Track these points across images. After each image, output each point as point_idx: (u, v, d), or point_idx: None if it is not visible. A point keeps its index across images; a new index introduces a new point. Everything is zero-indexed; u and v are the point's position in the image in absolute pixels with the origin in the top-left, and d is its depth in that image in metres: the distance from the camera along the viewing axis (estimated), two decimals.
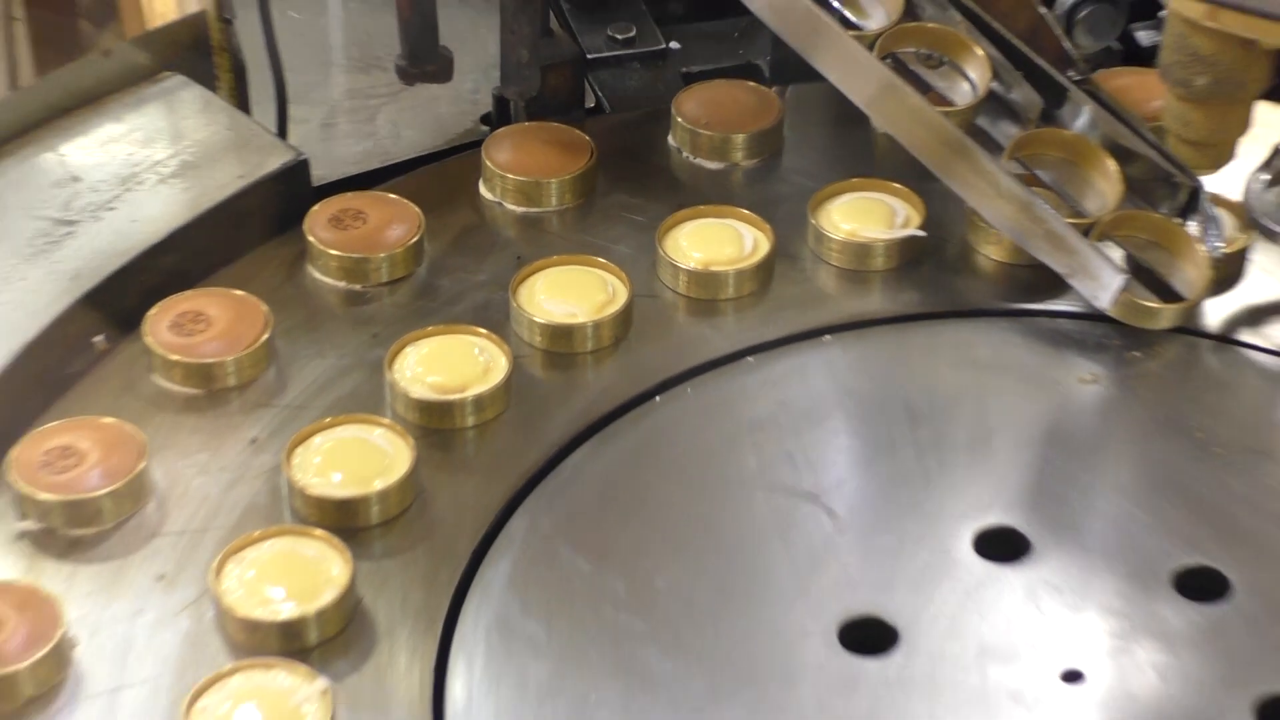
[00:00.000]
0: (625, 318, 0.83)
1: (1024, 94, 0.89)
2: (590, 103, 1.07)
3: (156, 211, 0.91)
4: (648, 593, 0.70)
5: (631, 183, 0.97)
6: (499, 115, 1.04)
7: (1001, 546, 0.71)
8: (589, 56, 1.06)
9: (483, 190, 0.95)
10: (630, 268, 0.86)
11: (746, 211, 0.89)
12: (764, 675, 0.66)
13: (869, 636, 0.66)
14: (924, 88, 0.88)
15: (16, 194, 0.90)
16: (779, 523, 0.74)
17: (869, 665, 0.64)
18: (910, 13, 0.89)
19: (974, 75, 0.89)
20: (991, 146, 0.86)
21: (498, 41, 0.97)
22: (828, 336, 0.85)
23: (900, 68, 0.87)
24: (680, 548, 0.73)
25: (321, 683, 0.60)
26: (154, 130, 0.97)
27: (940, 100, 0.88)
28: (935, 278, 0.89)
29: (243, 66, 1.03)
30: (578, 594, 0.69)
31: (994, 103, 0.90)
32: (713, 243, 0.87)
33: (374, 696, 0.63)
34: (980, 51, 0.88)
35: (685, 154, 0.98)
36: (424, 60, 0.97)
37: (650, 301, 0.86)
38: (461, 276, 0.90)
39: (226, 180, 0.92)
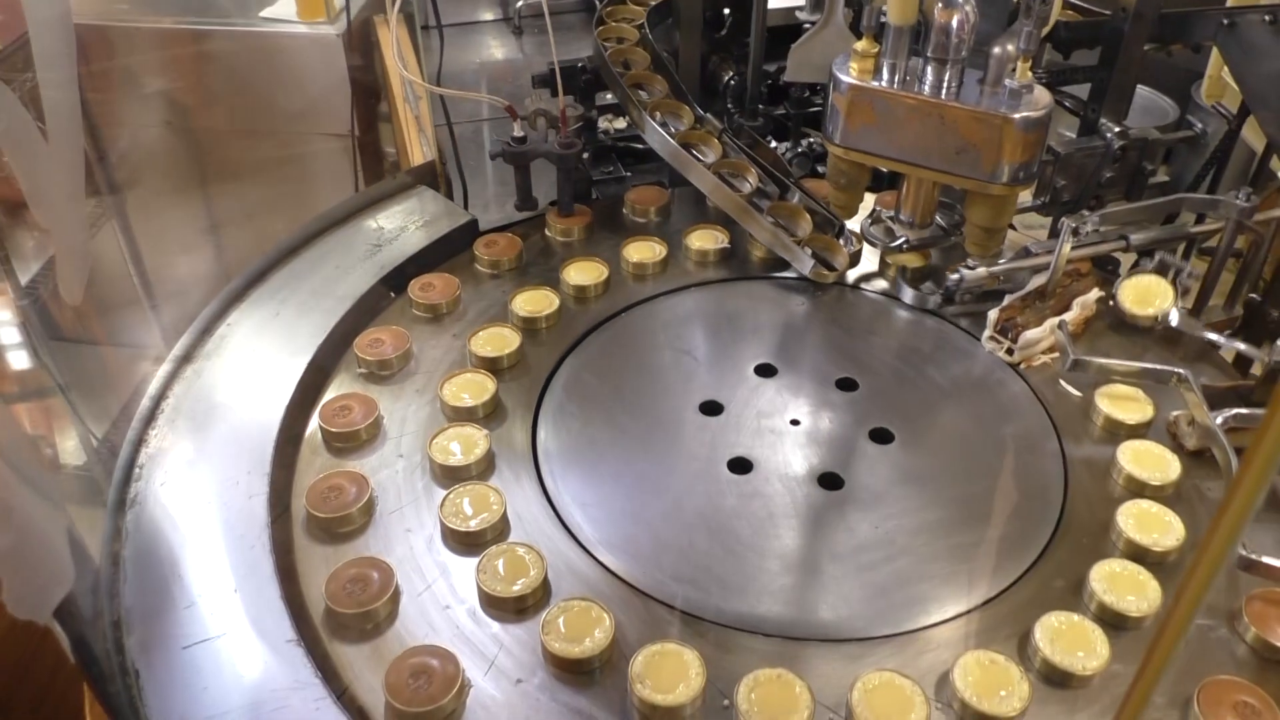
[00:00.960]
0: (607, 284, 1.69)
1: (771, 188, 1.80)
2: None
3: (415, 241, 1.74)
4: (619, 394, 1.48)
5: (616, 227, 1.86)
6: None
7: (766, 371, 1.53)
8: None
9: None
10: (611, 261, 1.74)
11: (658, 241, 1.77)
12: (667, 425, 1.44)
13: (714, 408, 1.47)
14: (730, 186, 1.78)
15: (357, 235, 1.73)
16: (674, 361, 1.55)
17: (712, 420, 1.45)
18: (724, 153, 1.77)
19: (750, 180, 1.77)
20: (758, 209, 1.72)
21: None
22: (693, 288, 1.73)
23: (720, 177, 1.77)
24: (633, 373, 1.52)
25: (486, 432, 1.39)
26: (413, 208, 1.81)
27: (735, 189, 1.77)
28: (739, 262, 1.77)
29: (450, 181, 1.88)
30: (590, 394, 1.49)
31: (759, 192, 1.78)
32: (645, 252, 1.74)
33: (509, 439, 1.42)
34: (754, 170, 1.76)
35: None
36: (526, 204, 1.83)
37: (617, 275, 1.73)
38: (539, 266, 1.76)
39: (442, 228, 1.77)
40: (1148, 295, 1.57)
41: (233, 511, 1.29)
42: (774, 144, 1.99)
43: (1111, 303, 1.59)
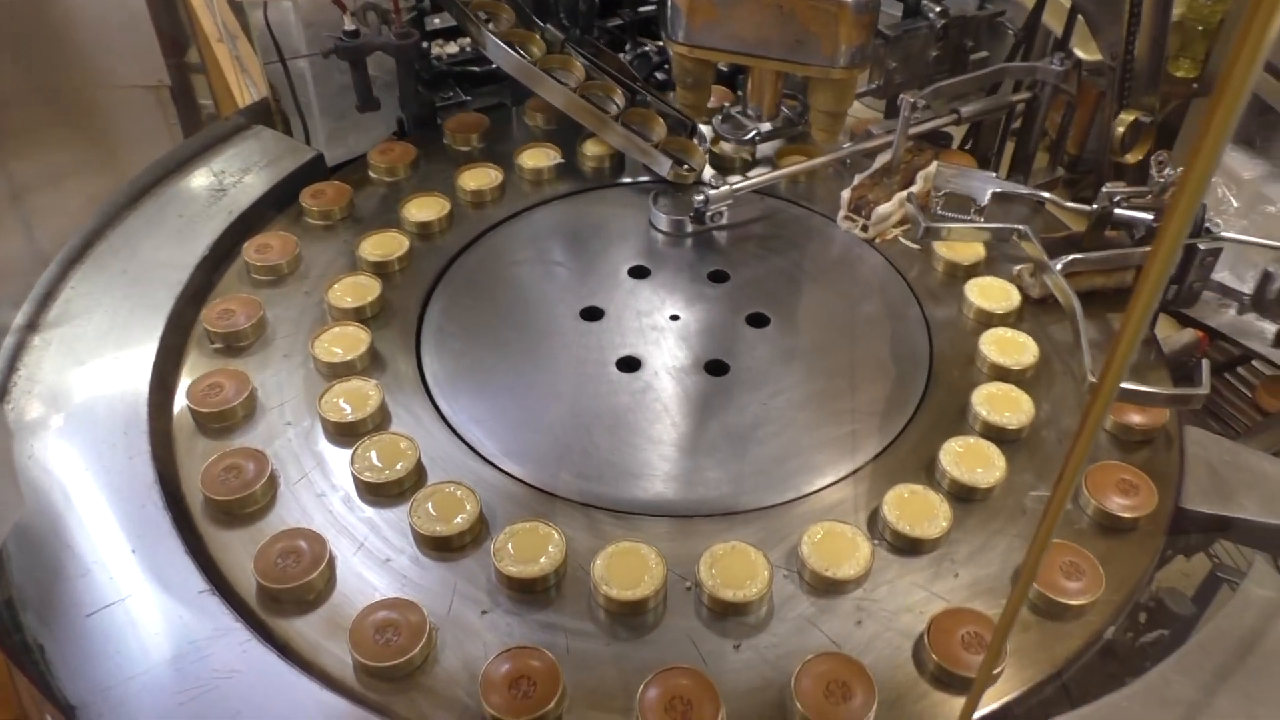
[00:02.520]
0: (451, 217, 1.65)
1: (620, 99, 1.82)
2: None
3: (261, 182, 1.66)
4: (498, 313, 1.48)
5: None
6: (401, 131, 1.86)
7: (639, 273, 1.56)
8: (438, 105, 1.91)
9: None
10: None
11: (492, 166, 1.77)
12: (551, 335, 1.45)
13: (594, 313, 1.49)
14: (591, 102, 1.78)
15: (201, 180, 1.63)
16: (547, 274, 1.56)
17: (595, 325, 1.47)
18: (588, 75, 1.77)
19: (616, 99, 1.80)
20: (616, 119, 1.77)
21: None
22: (552, 202, 1.73)
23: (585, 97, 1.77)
24: (507, 292, 1.52)
25: (375, 382, 1.36)
26: (252, 149, 1.72)
27: (598, 106, 1.79)
28: (577, 175, 1.77)
29: (287, 117, 1.78)
30: (468, 319, 1.48)
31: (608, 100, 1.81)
32: (481, 179, 1.73)
33: (396, 384, 1.39)
34: (604, 78, 1.79)
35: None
36: (367, 103, 1.76)
37: (458, 206, 1.70)
38: (384, 201, 1.72)
39: (287, 166, 1.69)
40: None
41: (116, 474, 1.24)
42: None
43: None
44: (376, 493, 1.22)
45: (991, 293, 1.50)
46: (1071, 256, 1.45)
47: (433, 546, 1.17)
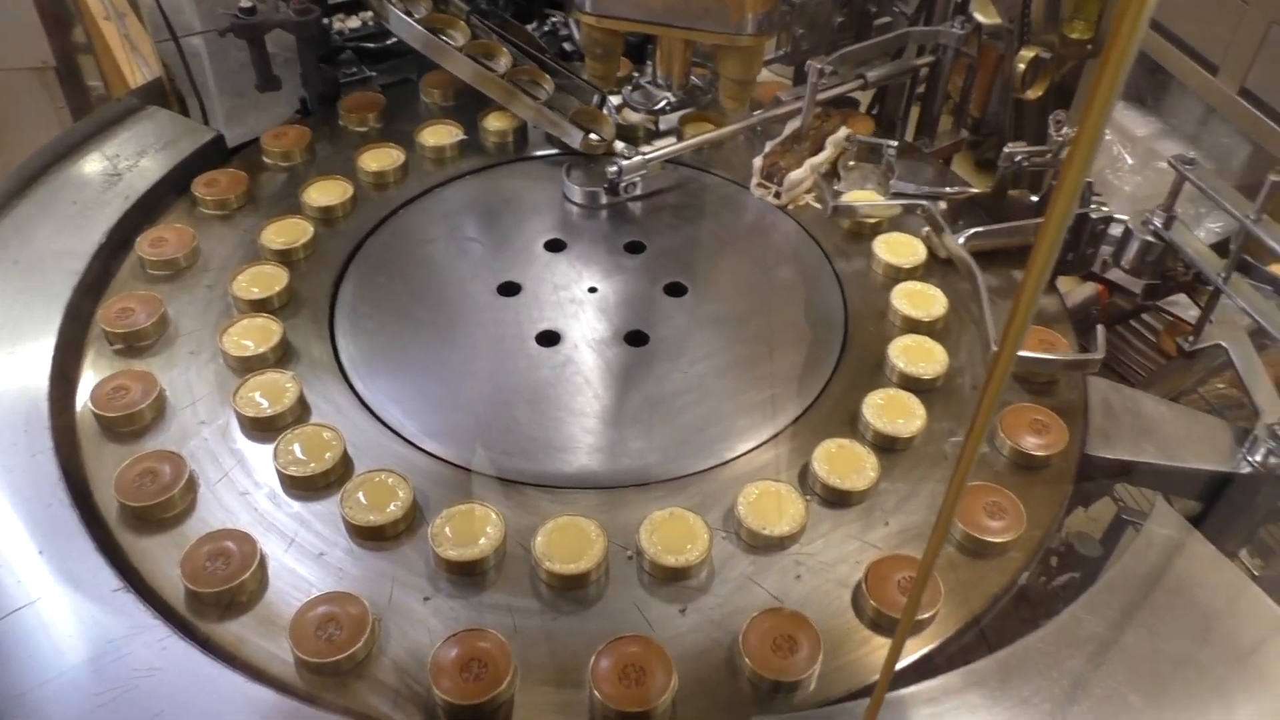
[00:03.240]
0: (355, 200, 1.62)
1: (508, 63, 1.80)
2: None
3: (158, 165, 1.59)
4: (412, 293, 1.46)
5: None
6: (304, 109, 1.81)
7: (555, 246, 1.55)
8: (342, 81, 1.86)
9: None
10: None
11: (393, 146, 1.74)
12: (468, 312, 1.43)
13: (511, 288, 1.48)
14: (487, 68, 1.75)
15: (94, 165, 1.55)
16: (460, 250, 1.54)
17: (512, 300, 1.46)
18: (474, 36, 1.73)
19: (505, 60, 1.76)
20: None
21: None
22: (465, 178, 1.70)
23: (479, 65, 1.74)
24: (421, 271, 1.50)
25: (293, 374, 1.34)
26: (147, 131, 1.65)
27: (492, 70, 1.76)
28: (511, 146, 1.75)
29: (183, 97, 1.71)
30: (382, 299, 1.45)
31: (516, 73, 1.78)
32: (383, 159, 1.70)
33: (312, 373, 1.35)
34: (508, 51, 1.74)
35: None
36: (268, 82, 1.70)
37: (359, 187, 1.67)
38: (284, 186, 1.67)
39: (185, 148, 1.62)
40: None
41: (18, 473, 1.19)
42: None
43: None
44: (304, 486, 1.20)
45: (899, 248, 1.53)
46: (972, 230, 1.48)
47: (367, 537, 1.15)
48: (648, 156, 1.62)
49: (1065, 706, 1.00)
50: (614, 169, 1.59)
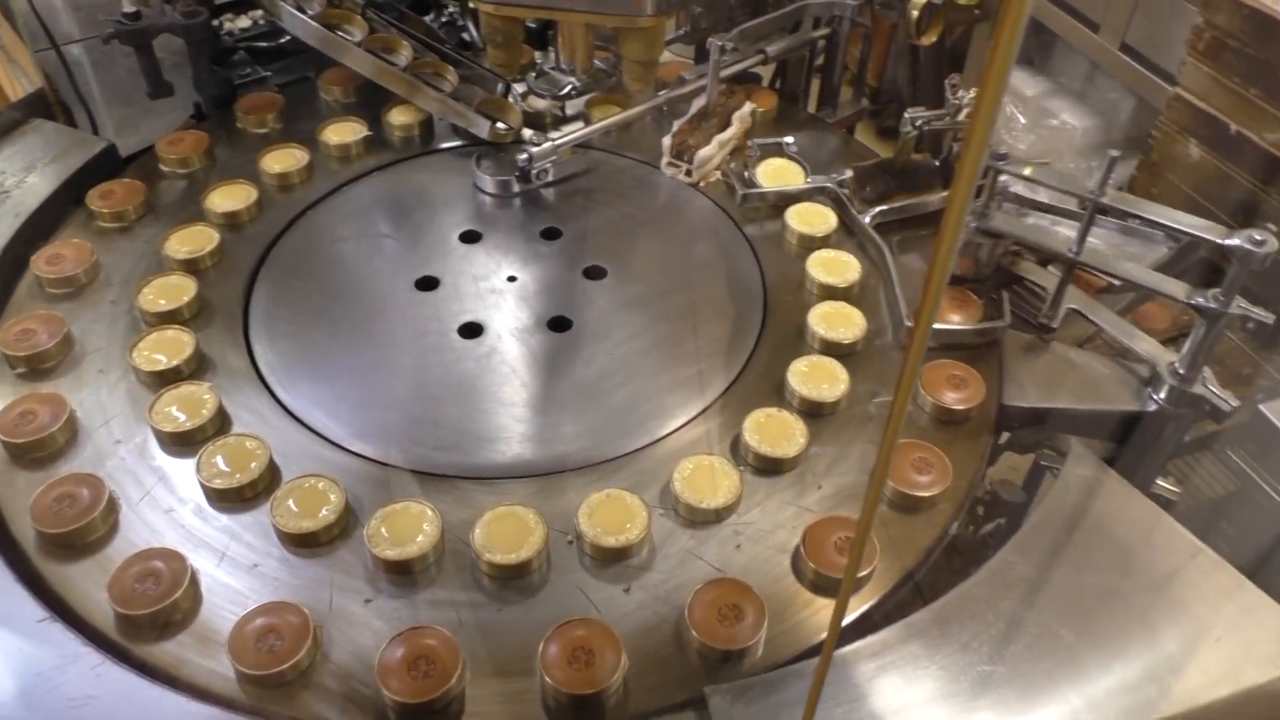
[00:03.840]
0: (260, 204, 1.57)
1: (409, 56, 1.77)
2: None
3: (48, 180, 1.54)
4: (328, 293, 1.43)
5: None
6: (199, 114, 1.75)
7: (471, 238, 1.54)
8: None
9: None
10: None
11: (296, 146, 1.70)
12: (387, 310, 1.41)
13: (430, 283, 1.46)
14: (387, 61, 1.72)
15: None
16: (374, 247, 1.52)
17: (431, 294, 1.44)
18: (372, 30, 1.70)
19: (406, 53, 1.72)
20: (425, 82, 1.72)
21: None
22: (372, 175, 1.67)
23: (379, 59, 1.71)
24: (335, 270, 1.47)
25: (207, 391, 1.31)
26: (33, 145, 1.59)
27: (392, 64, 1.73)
28: (417, 139, 1.73)
29: (69, 108, 1.64)
30: (297, 302, 1.43)
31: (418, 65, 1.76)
32: (286, 160, 1.67)
33: (231, 382, 1.33)
34: (408, 43, 1.72)
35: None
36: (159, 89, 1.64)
37: (265, 191, 1.64)
38: (184, 194, 1.61)
39: (74, 161, 1.57)
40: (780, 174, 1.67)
41: None
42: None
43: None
44: (231, 499, 1.17)
45: (810, 217, 1.56)
46: (879, 209, 1.52)
47: (301, 544, 1.13)
48: (557, 142, 1.61)
49: (1002, 647, 1.04)
50: (524, 156, 1.59)
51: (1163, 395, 1.28)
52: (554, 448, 1.25)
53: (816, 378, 1.30)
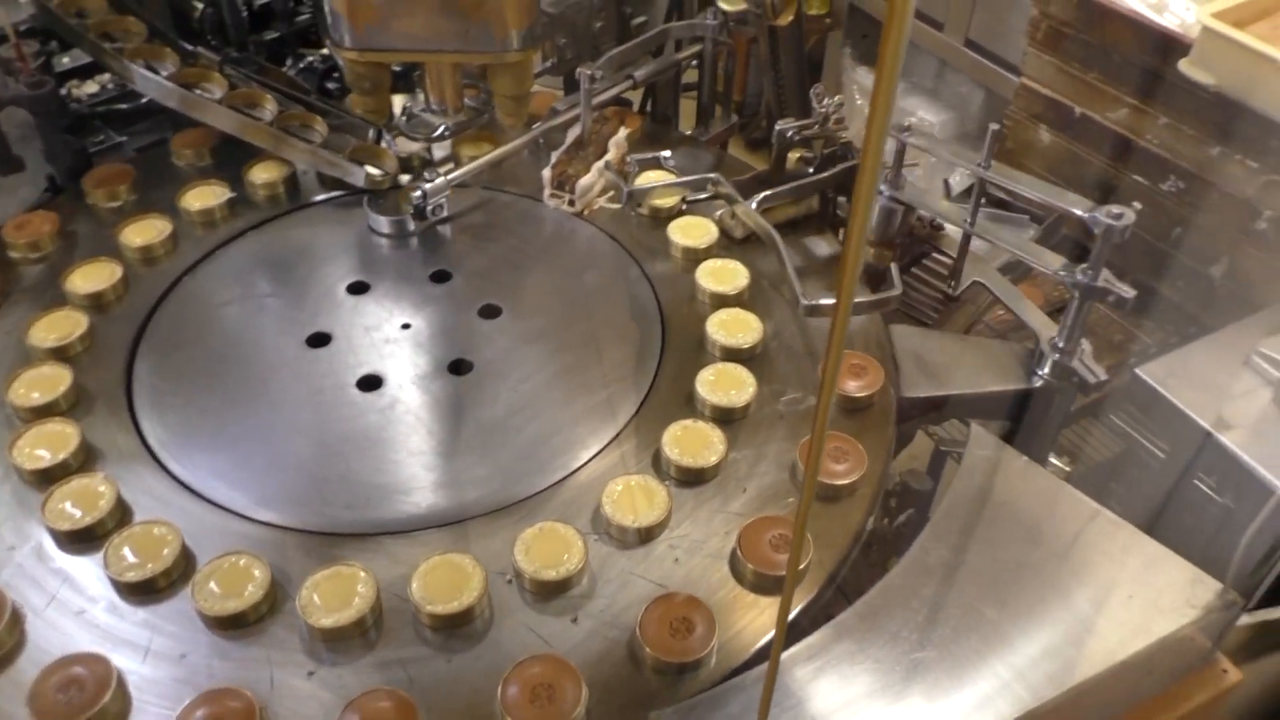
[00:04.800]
0: (126, 281, 1.50)
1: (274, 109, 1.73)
2: None
3: None
4: (215, 361, 1.39)
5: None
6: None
7: (358, 289, 1.51)
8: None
9: None
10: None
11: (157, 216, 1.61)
12: (280, 371, 1.38)
13: (321, 339, 1.43)
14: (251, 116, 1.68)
15: None
16: (258, 309, 1.47)
17: (324, 351, 1.41)
18: (233, 86, 1.68)
19: (269, 109, 1.68)
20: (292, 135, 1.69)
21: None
22: (245, 235, 1.62)
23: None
24: (220, 338, 1.42)
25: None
26: None
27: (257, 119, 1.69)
28: (283, 196, 1.69)
29: None
30: (183, 373, 1.37)
31: (284, 117, 1.73)
32: (148, 232, 1.57)
33: (110, 441, 1.28)
34: (271, 96, 1.67)
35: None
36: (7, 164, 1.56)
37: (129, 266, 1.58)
38: (41, 277, 1.54)
39: None
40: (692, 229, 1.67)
41: None
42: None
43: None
44: (146, 590, 1.11)
45: (692, 230, 1.58)
46: (762, 194, 1.55)
47: (231, 626, 1.08)
48: (450, 176, 1.60)
49: (929, 632, 1.07)
50: (418, 194, 1.57)
51: (1046, 370, 1.35)
52: (466, 492, 1.24)
53: (724, 384, 1.33)
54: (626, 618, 1.08)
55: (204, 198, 1.63)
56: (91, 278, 1.49)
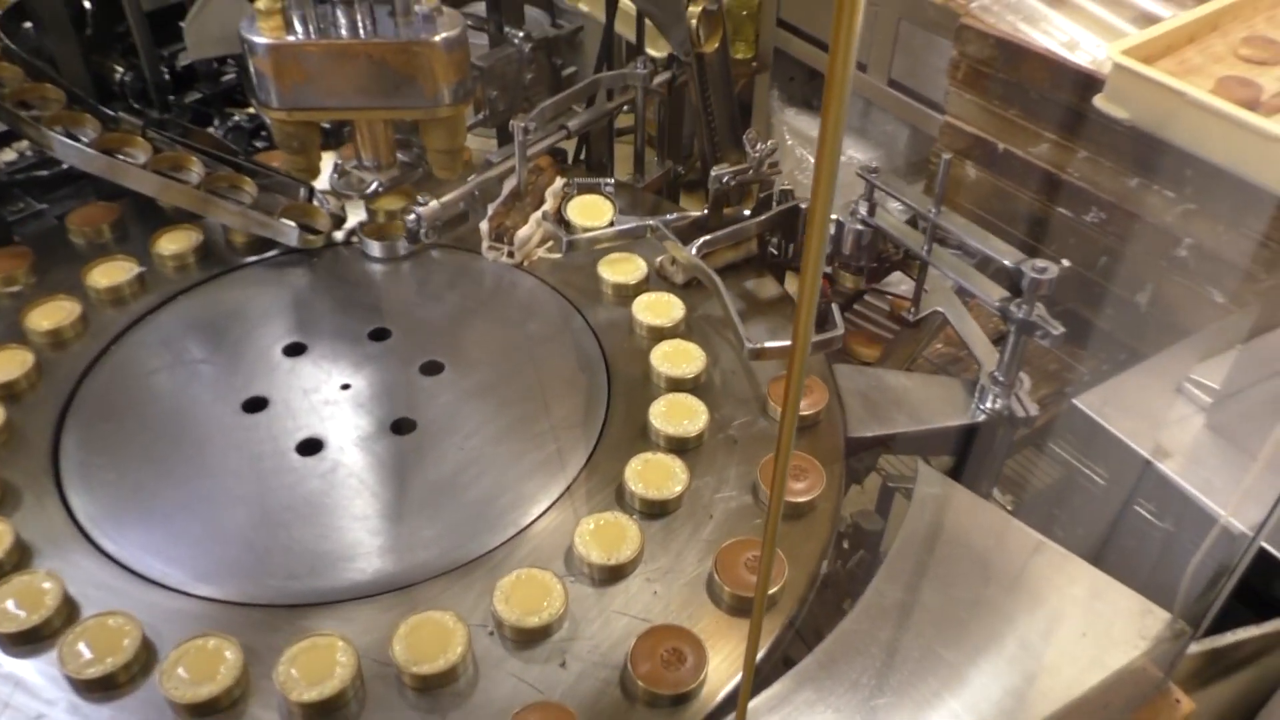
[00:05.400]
0: (85, 319, 1.47)
1: (201, 172, 1.72)
2: None
3: None
4: (147, 429, 1.34)
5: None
6: None
7: (295, 350, 1.47)
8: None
9: None
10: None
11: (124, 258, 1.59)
12: (215, 438, 1.34)
13: (258, 404, 1.39)
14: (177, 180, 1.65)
15: None
16: (191, 375, 1.43)
17: (261, 416, 1.37)
18: (156, 149, 1.65)
19: (196, 169, 1.63)
20: (221, 196, 1.65)
21: None
22: (179, 296, 1.58)
23: (163, 174, 1.64)
24: (152, 404, 1.38)
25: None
26: None
27: (184, 182, 1.66)
28: (223, 254, 1.66)
29: None
30: (114, 442, 1.33)
31: (212, 179, 1.70)
32: (116, 274, 1.56)
33: (44, 536, 1.21)
34: (197, 158, 1.65)
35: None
36: None
37: (90, 307, 1.53)
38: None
39: None
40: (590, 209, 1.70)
41: None
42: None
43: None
44: (104, 687, 1.05)
45: (622, 267, 1.60)
46: (702, 239, 1.56)
47: (202, 714, 1.03)
48: (444, 200, 1.59)
49: (887, 677, 1.07)
50: (412, 218, 1.57)
51: (988, 405, 1.36)
52: (415, 555, 1.21)
53: (676, 414, 1.34)
54: (615, 655, 1.08)
55: (110, 275, 1.55)
56: (49, 316, 1.46)
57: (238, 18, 1.50)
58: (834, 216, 1.58)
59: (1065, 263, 1.25)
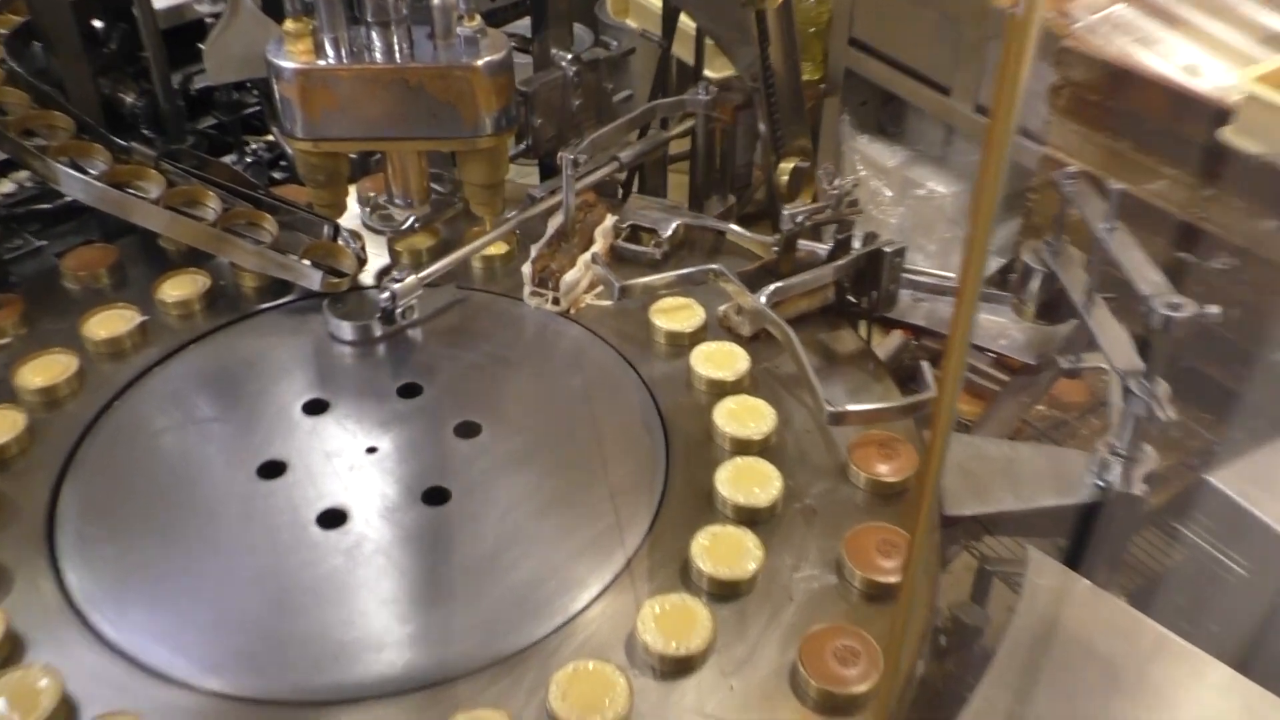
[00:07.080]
0: (81, 375, 1.47)
1: (240, 207, 1.72)
2: None
3: None
4: (154, 499, 1.33)
5: None
6: None
7: (316, 408, 1.46)
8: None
9: None
10: None
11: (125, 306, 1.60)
12: (228, 507, 1.32)
13: (275, 469, 1.37)
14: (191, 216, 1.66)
15: None
16: (203, 436, 1.43)
17: (278, 482, 1.35)
18: (170, 183, 1.65)
19: (212, 204, 1.65)
20: (238, 235, 1.63)
21: None
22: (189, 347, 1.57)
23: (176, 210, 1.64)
24: (159, 470, 1.37)
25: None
26: None
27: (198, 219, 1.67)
28: (234, 300, 1.66)
29: None
30: (115, 515, 1.31)
31: (229, 215, 1.69)
32: (115, 324, 1.56)
33: (33, 617, 1.19)
34: (213, 193, 1.68)
35: None
36: None
37: (87, 360, 1.52)
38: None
39: None
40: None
41: None
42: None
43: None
44: None
45: (677, 314, 1.58)
46: (773, 286, 1.53)
47: None
48: (421, 276, 1.57)
49: None
50: (386, 295, 1.54)
51: (1110, 478, 1.31)
52: (453, 645, 1.18)
53: (745, 481, 1.31)
54: None
55: (110, 325, 1.55)
56: (42, 372, 1.46)
57: (263, 39, 1.51)
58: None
59: (1212, 309, 1.21)
